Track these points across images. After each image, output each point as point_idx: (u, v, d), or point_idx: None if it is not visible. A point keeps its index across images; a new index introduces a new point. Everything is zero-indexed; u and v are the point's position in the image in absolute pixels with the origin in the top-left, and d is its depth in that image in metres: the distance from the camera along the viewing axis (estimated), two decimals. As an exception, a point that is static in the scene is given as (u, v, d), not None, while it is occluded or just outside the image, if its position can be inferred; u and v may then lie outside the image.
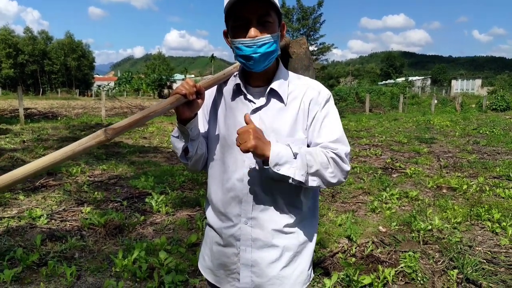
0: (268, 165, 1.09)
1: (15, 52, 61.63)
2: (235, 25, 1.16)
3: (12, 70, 61.08)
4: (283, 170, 1.09)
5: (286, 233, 1.25)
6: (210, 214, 1.34)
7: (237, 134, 1.09)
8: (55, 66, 65.64)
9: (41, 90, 56.31)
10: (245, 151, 1.08)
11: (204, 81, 1.25)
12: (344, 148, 1.19)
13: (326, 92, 1.26)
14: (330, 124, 1.22)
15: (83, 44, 70.97)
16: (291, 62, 1.71)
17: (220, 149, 1.28)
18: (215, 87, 1.32)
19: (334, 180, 1.17)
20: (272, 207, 1.23)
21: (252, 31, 1.13)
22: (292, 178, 1.11)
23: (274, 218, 1.23)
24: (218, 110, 1.31)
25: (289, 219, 1.24)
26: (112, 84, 67.52)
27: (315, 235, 1.34)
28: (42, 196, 4.73)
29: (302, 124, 1.22)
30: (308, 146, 1.23)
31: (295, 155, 1.11)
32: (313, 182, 1.14)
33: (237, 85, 1.26)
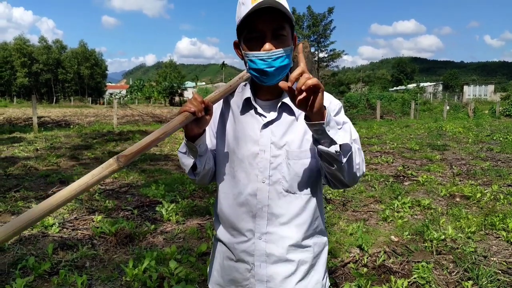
0: (317, 120, 0.98)
1: (30, 61, 63.14)
2: (249, 37, 1.14)
3: (27, 79, 62.53)
4: (332, 132, 1.00)
5: (302, 247, 1.23)
6: (220, 229, 1.32)
7: (291, 80, 0.94)
8: (69, 74, 67.02)
9: (54, 98, 57.40)
10: (308, 86, 0.93)
11: (212, 95, 1.22)
12: (361, 152, 1.16)
13: (336, 102, 1.25)
14: (346, 128, 1.16)
15: (96, 52, 72.47)
16: (293, 66, 1.71)
17: (230, 164, 1.26)
18: (222, 99, 1.30)
19: (358, 173, 1.11)
20: (286, 222, 1.21)
21: (267, 45, 1.10)
22: (340, 146, 1.00)
23: (289, 233, 1.21)
24: (226, 124, 1.29)
25: (304, 233, 1.22)
26: (124, 92, 68.52)
27: (327, 244, 1.33)
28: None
29: None
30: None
31: (344, 123, 1.09)
32: (355, 158, 1.07)
33: (247, 99, 1.24)
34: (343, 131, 1.04)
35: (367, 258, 3.41)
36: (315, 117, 0.99)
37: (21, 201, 4.83)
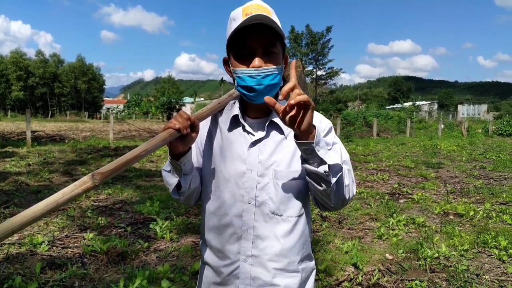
0: (306, 139, 0.97)
1: (26, 74, 63.16)
2: (239, 53, 1.11)
3: (22, 93, 62.46)
4: (322, 153, 0.98)
5: (289, 271, 1.19)
6: (206, 251, 1.28)
7: (282, 93, 0.93)
8: (65, 88, 67.07)
9: (50, 112, 57.29)
10: (298, 102, 0.91)
11: (199, 112, 1.18)
12: (352, 174, 1.15)
13: (327, 122, 1.21)
14: (336, 148, 1.14)
15: (93, 67, 72.77)
16: (283, 85, 1.73)
17: (215, 183, 1.22)
18: (210, 117, 1.25)
19: (347, 195, 1.09)
20: (272, 245, 1.17)
21: (257, 61, 1.08)
22: (330, 166, 0.99)
23: (274, 256, 1.17)
24: (213, 142, 1.24)
25: (291, 257, 1.19)
26: (121, 106, 68.58)
27: (315, 268, 1.30)
28: (44, 221, 4.72)
29: None
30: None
31: (333, 144, 1.06)
32: (345, 179, 1.06)
33: (235, 116, 1.21)
34: (333, 151, 1.03)
35: (361, 276, 3.39)
36: (305, 136, 0.96)
37: (10, 217, 4.76)
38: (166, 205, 5.53)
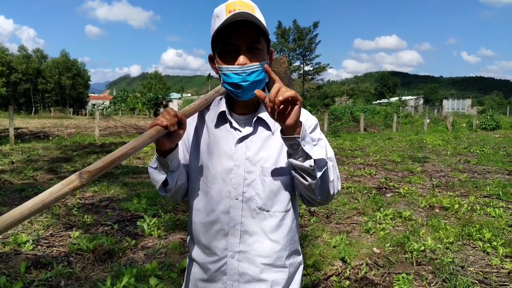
0: (292, 134, 0.99)
1: (8, 70, 61.61)
2: (224, 51, 1.12)
3: (5, 89, 60.92)
4: (308, 147, 1.01)
5: (276, 266, 1.20)
6: (193, 248, 1.28)
7: (271, 99, 0.95)
8: (49, 84, 65.67)
9: (33, 109, 56.09)
10: (286, 98, 0.93)
11: (185, 109, 1.19)
12: (337, 170, 1.17)
13: (313, 118, 1.23)
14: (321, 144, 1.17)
15: (78, 62, 71.39)
16: (270, 82, 1.72)
17: (203, 179, 1.22)
18: (197, 113, 1.27)
19: (331, 190, 1.12)
20: (260, 241, 1.18)
21: (242, 58, 1.08)
22: (315, 161, 1.02)
23: (262, 252, 1.18)
24: (200, 138, 1.25)
25: (278, 252, 1.20)
26: (107, 103, 67.60)
27: (302, 263, 1.31)
28: (28, 220, 4.63)
29: None
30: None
31: (319, 140, 1.07)
32: (330, 175, 1.09)
33: (222, 112, 1.21)
34: (318, 147, 1.05)
35: (349, 270, 3.42)
36: (291, 131, 0.99)
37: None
38: (154, 202, 5.48)
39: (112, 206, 5.39)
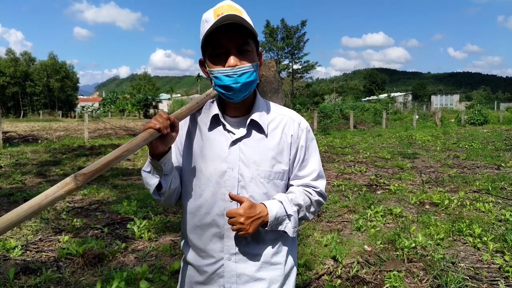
0: (264, 227, 1.17)
1: (-4, 74, 60.62)
2: (214, 54, 1.13)
3: (-8, 93, 59.89)
4: (280, 228, 1.19)
5: (272, 264, 1.23)
6: (188, 251, 1.29)
7: (227, 216, 1.13)
8: (37, 87, 64.71)
9: (22, 112, 55.25)
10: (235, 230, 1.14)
11: (178, 112, 1.19)
12: (324, 182, 1.29)
13: (305, 123, 1.27)
14: (311, 157, 1.27)
15: (66, 64, 70.50)
16: (260, 85, 1.70)
17: (196, 182, 1.22)
18: (188, 116, 1.27)
19: (312, 217, 1.29)
20: (256, 241, 1.20)
21: (232, 60, 1.10)
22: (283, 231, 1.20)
23: (258, 251, 1.21)
24: (193, 141, 1.25)
25: (273, 251, 1.23)
26: (96, 105, 66.89)
27: (296, 264, 1.33)
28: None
29: (285, 157, 1.22)
30: (288, 178, 1.27)
31: (288, 216, 1.19)
32: (309, 215, 1.29)
33: (215, 115, 1.22)
34: (292, 220, 1.20)
35: (341, 269, 3.43)
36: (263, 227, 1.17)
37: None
38: (144, 204, 5.44)
39: (102, 209, 5.33)
